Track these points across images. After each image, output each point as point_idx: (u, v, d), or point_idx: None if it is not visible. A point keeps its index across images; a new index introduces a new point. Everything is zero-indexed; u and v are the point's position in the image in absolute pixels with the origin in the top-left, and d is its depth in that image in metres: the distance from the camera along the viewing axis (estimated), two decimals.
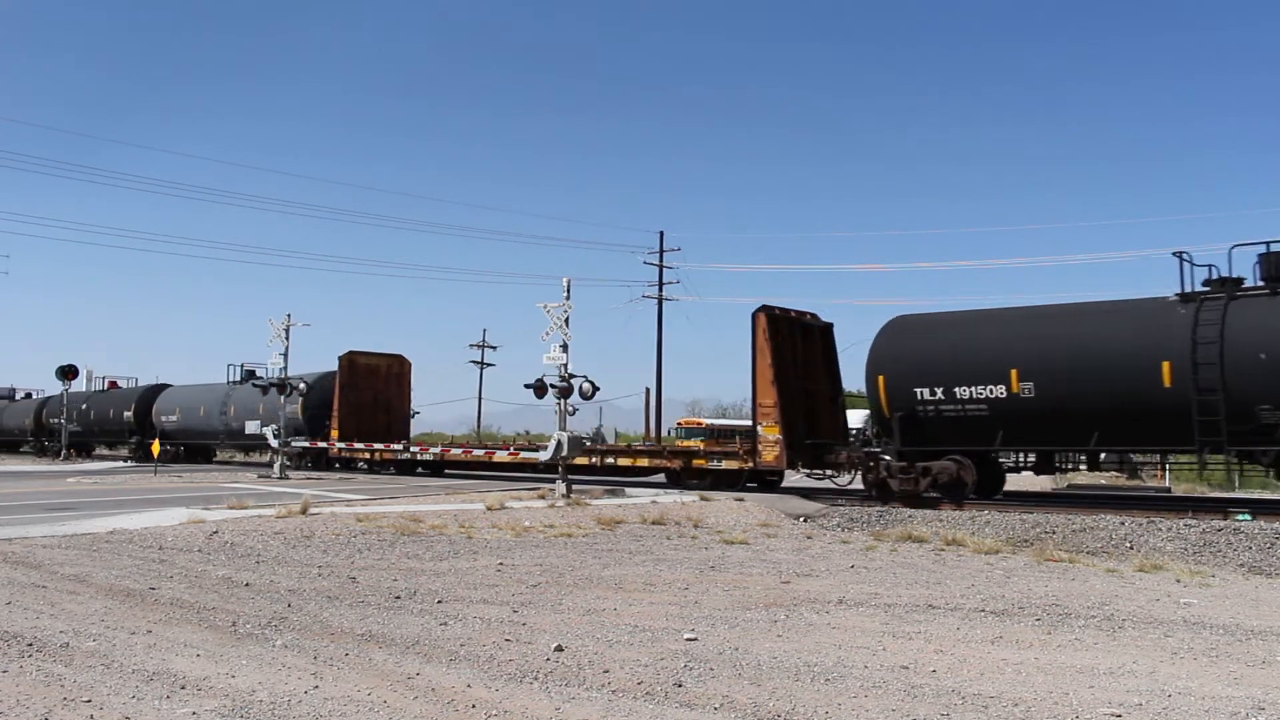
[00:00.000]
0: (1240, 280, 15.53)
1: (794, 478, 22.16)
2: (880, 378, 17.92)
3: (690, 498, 18.09)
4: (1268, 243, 15.24)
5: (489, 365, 63.27)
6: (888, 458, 17.76)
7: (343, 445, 29.39)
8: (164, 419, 38.58)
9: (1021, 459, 17.91)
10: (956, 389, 16.93)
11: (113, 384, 48.01)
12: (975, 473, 16.85)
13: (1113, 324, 16.05)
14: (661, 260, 47.89)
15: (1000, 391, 16.42)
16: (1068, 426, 15.95)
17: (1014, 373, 16.33)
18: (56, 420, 48.84)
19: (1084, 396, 15.66)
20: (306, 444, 30.08)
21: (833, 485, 20.40)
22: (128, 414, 42.11)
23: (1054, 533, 14.16)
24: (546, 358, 19.44)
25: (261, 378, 29.21)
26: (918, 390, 17.31)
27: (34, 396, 55.92)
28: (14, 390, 61.56)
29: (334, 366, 31.87)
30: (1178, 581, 10.10)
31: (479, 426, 61.08)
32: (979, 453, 17.11)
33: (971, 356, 17.02)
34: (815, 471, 20.97)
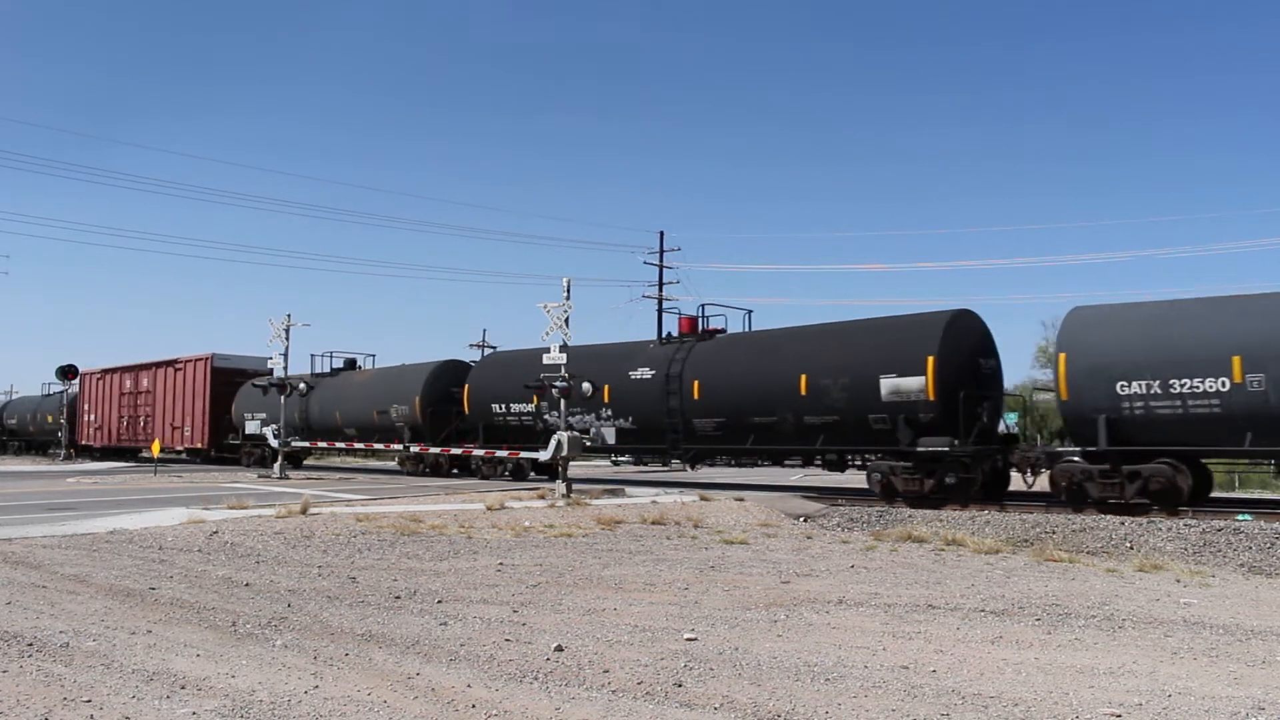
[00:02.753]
0: None
1: None
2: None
3: (690, 498, 18.09)
4: None
5: None
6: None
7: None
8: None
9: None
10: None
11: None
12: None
13: None
14: (661, 260, 47.96)
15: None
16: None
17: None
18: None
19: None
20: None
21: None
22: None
23: (1054, 533, 14.16)
24: (546, 358, 19.46)
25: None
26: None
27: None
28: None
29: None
30: (1178, 581, 10.10)
31: None
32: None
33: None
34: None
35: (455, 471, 27.39)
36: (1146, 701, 5.34)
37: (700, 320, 22.89)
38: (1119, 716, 5.07)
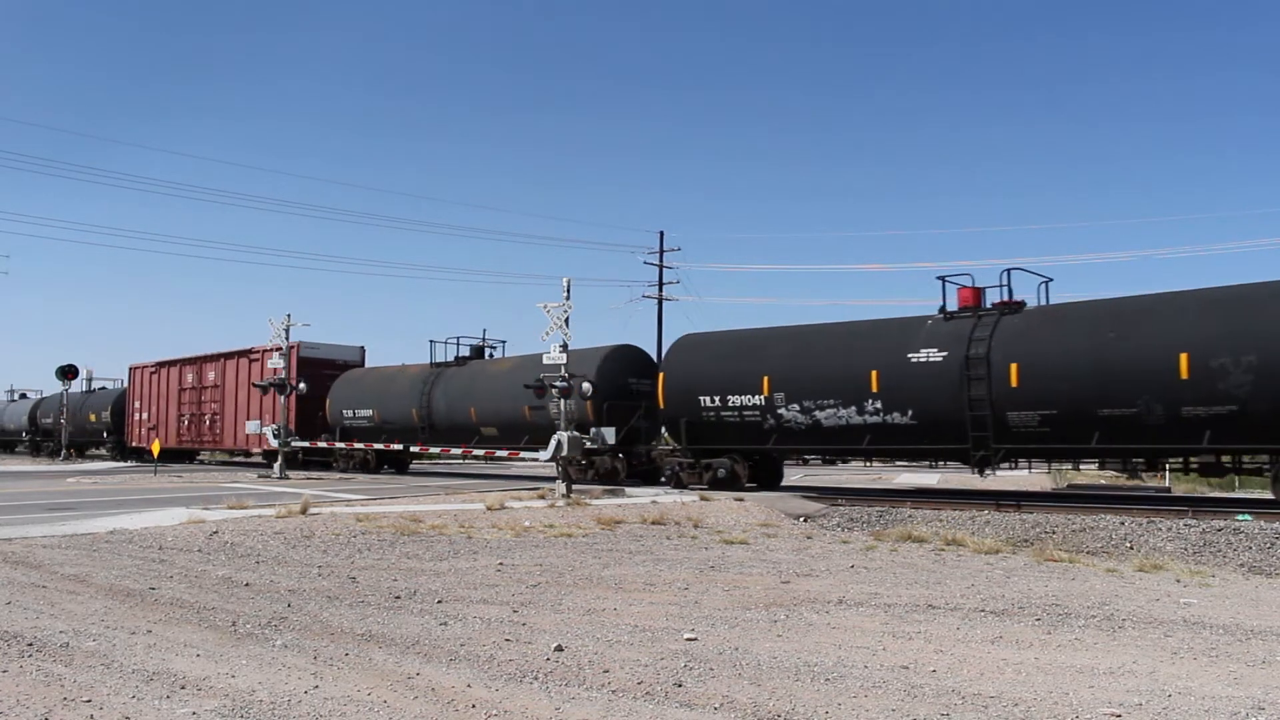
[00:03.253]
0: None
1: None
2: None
3: (690, 498, 18.09)
4: None
5: None
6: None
7: None
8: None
9: None
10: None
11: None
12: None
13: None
14: (661, 260, 47.94)
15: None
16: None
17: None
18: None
19: None
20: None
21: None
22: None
23: (1054, 533, 14.15)
24: (546, 358, 19.47)
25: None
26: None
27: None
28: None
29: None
30: (1178, 581, 10.10)
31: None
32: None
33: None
34: None
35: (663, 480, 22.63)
36: (1146, 701, 5.34)
37: (1002, 290, 18.16)
38: (1119, 716, 5.07)
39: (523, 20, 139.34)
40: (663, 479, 22.25)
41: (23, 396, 55.93)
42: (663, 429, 23.22)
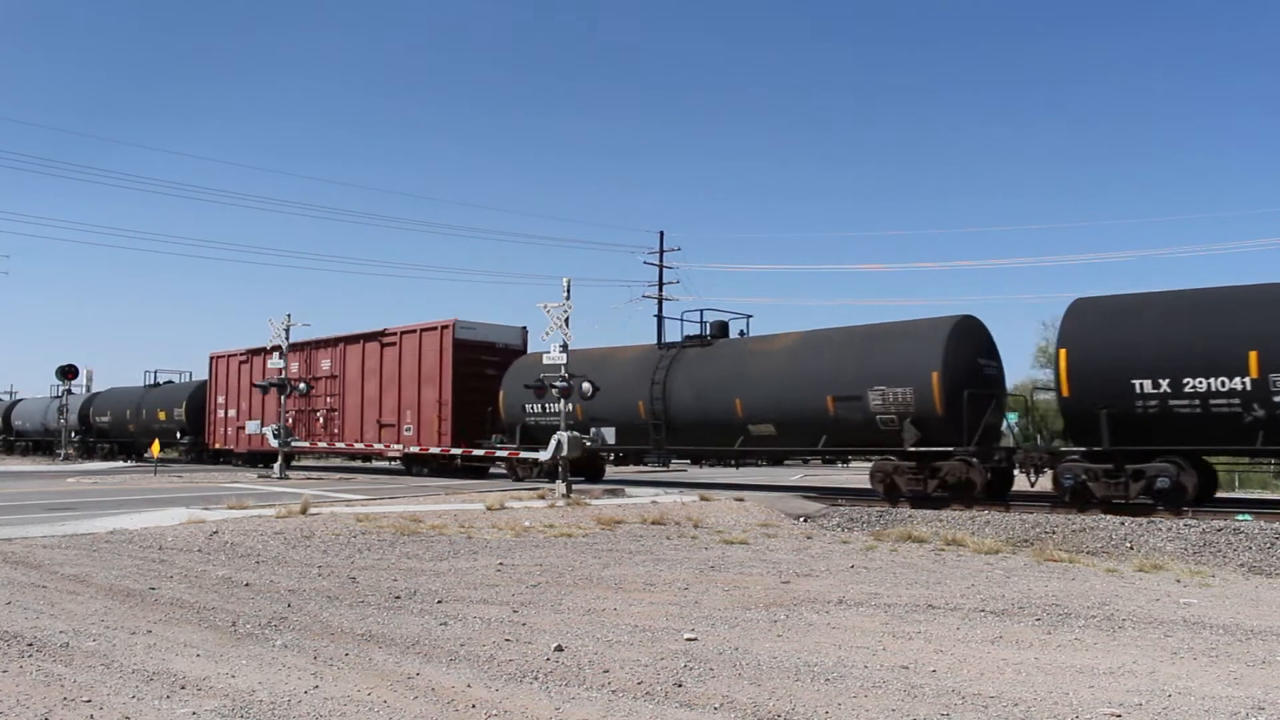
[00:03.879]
0: None
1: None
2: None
3: (690, 498, 18.09)
4: None
5: None
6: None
7: None
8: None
9: None
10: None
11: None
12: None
13: None
14: (661, 260, 47.94)
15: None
16: None
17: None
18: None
19: None
20: None
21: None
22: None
23: (1054, 533, 14.15)
24: (546, 358, 19.46)
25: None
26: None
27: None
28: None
29: None
30: (1178, 581, 10.10)
31: None
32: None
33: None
34: None
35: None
36: (1146, 701, 5.34)
37: None
38: (1119, 716, 5.07)
39: (523, 20, 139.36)
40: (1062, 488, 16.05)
41: (68, 392, 49.34)
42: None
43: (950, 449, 17.00)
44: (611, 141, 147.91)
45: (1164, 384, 14.79)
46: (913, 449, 17.37)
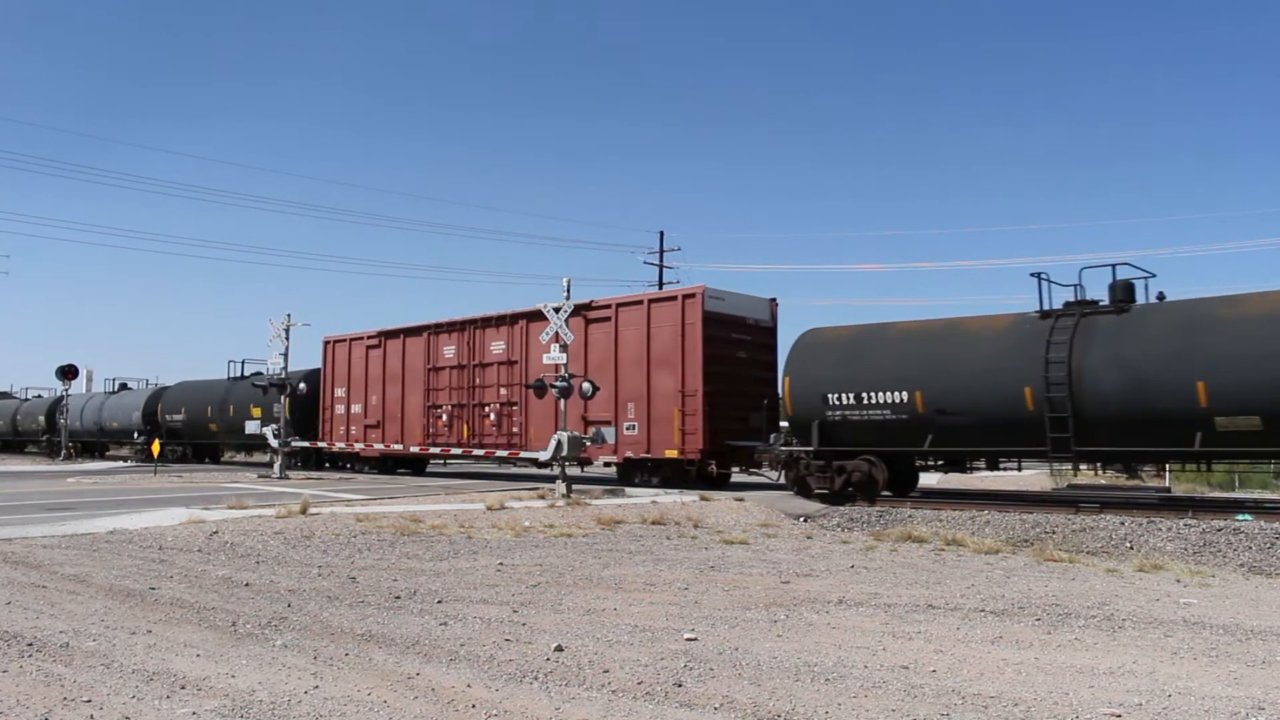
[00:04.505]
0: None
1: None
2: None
3: (690, 498, 18.08)
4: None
5: None
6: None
7: None
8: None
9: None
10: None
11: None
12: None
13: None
14: (661, 260, 47.93)
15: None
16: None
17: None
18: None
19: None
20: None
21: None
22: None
23: (1054, 533, 14.15)
24: (546, 358, 19.45)
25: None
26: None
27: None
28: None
29: None
30: (1178, 581, 10.10)
31: None
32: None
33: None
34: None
35: None
36: (1146, 701, 5.34)
37: None
38: (1119, 716, 5.07)
39: (523, 20, 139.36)
40: None
41: (124, 387, 45.22)
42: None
43: None
44: (611, 141, 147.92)
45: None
46: None
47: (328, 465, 31.25)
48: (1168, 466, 18.78)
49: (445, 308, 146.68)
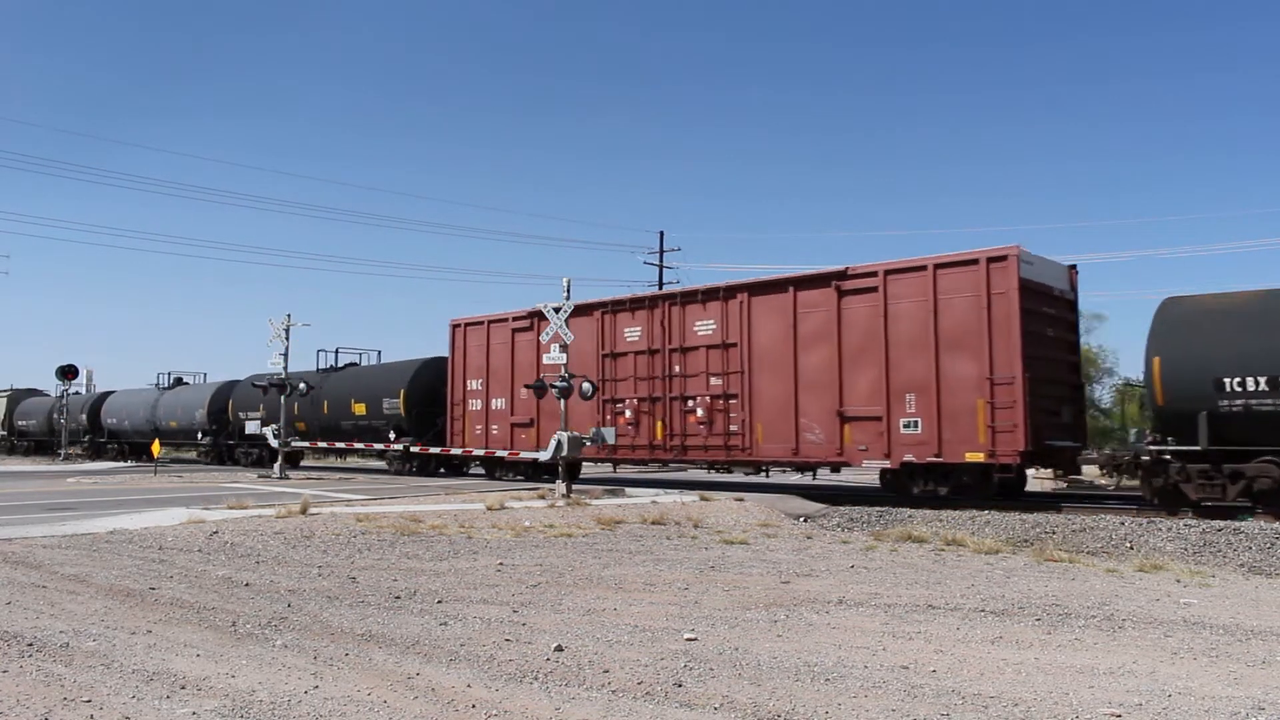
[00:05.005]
0: None
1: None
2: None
3: (690, 498, 18.08)
4: None
5: None
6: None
7: None
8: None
9: None
10: None
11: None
12: None
13: None
14: (661, 260, 47.94)
15: None
16: None
17: None
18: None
19: None
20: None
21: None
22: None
23: (1054, 533, 14.15)
24: (547, 358, 19.46)
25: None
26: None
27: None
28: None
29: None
30: (1178, 581, 10.10)
31: None
32: None
33: None
34: None
35: None
36: (1146, 701, 5.34)
37: None
38: (1119, 716, 5.07)
39: (523, 20, 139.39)
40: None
41: (179, 381, 41.20)
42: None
43: None
44: (611, 141, 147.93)
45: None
46: None
47: (443, 471, 27.34)
48: None
49: (446, 307, 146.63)
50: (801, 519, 16.48)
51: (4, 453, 51.97)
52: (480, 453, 25.05)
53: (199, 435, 36.11)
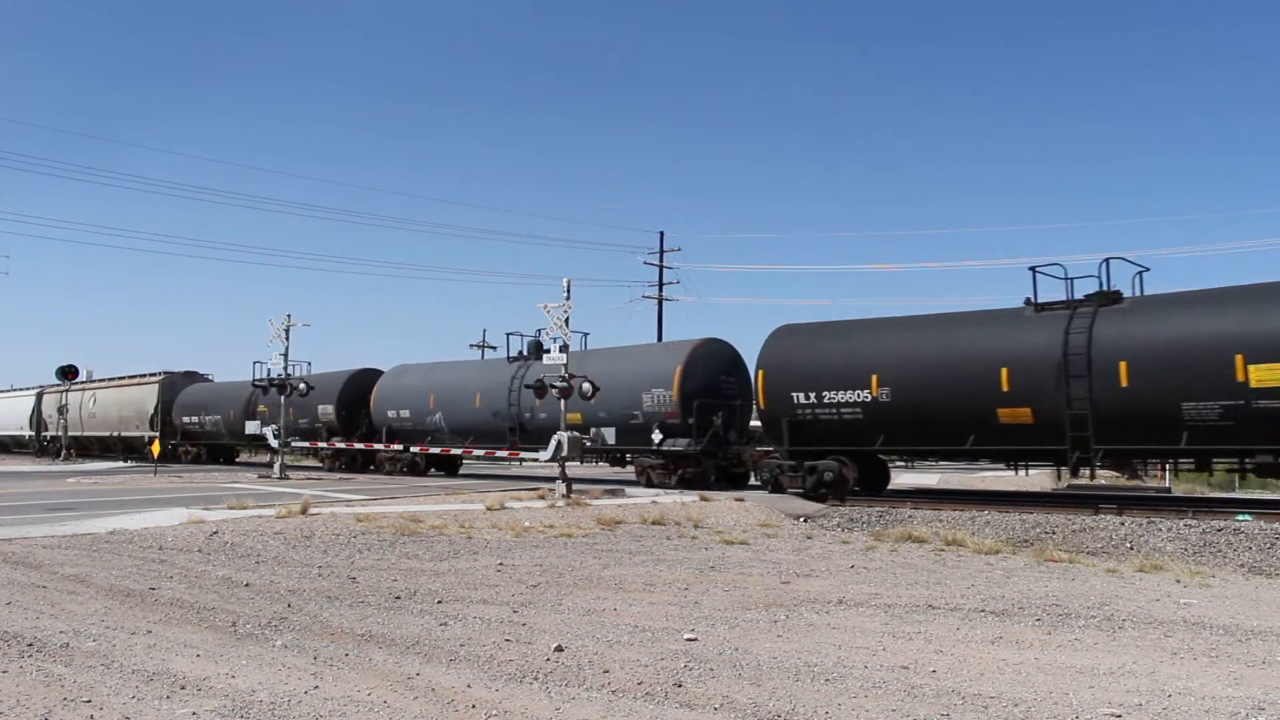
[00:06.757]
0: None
1: None
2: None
3: (690, 498, 18.08)
4: None
5: None
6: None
7: None
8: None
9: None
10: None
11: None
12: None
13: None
14: (661, 260, 47.91)
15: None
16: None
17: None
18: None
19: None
20: None
21: None
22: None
23: (1054, 533, 14.15)
24: (546, 358, 19.46)
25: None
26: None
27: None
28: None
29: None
30: (1178, 581, 10.10)
31: None
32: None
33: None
34: None
35: None
36: (1146, 701, 5.34)
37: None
38: (1119, 716, 5.07)
39: (523, 20, 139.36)
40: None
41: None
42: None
43: None
44: (611, 141, 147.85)
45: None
46: None
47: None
48: (1167, 467, 18.79)
49: (444, 307, 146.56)
50: (801, 519, 16.47)
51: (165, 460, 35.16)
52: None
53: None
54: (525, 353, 26.40)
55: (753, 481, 21.28)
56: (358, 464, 31.06)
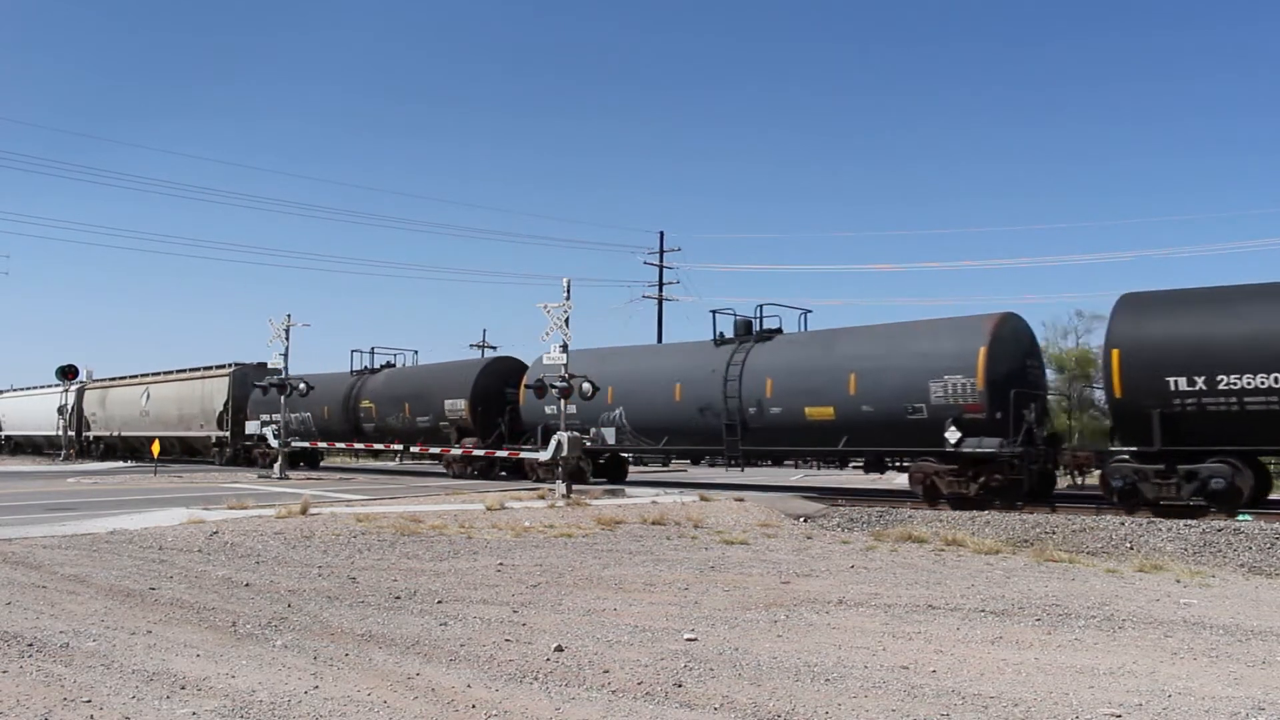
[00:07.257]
0: None
1: None
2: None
3: (690, 498, 18.09)
4: None
5: None
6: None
7: None
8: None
9: None
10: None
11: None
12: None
13: None
14: (661, 260, 47.95)
15: None
16: None
17: None
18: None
19: None
20: None
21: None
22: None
23: (1054, 533, 14.15)
24: (547, 358, 19.46)
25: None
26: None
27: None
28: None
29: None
30: (1178, 581, 10.10)
31: None
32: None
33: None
34: None
35: None
36: (1146, 702, 5.34)
37: None
38: (1119, 716, 5.07)
39: (523, 20, 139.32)
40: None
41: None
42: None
43: None
44: (611, 141, 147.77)
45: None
46: None
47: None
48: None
49: (445, 307, 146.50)
50: (801, 519, 16.48)
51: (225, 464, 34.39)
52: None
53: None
54: (737, 333, 21.85)
55: (1062, 488, 18.07)
56: (493, 471, 25.66)
